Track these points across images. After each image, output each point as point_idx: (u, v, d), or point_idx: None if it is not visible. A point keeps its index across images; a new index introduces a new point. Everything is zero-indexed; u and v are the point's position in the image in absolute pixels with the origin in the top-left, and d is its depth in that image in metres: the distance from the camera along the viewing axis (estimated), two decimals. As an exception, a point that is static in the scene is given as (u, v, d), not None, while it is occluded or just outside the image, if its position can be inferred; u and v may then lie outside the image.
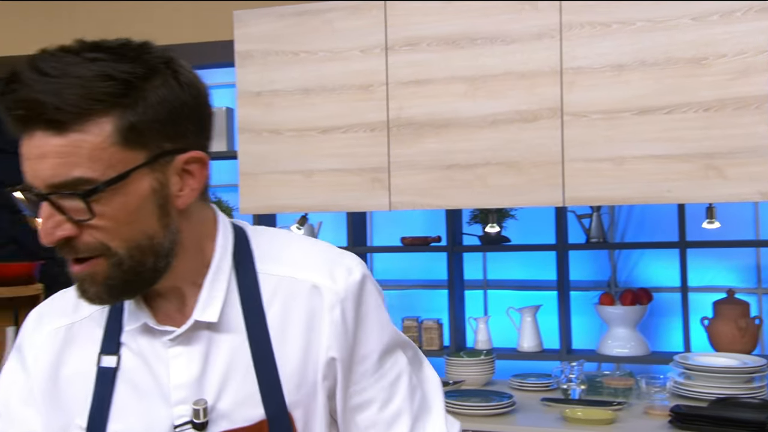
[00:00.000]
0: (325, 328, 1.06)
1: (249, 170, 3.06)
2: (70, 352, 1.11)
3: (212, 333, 1.06)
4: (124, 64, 0.93)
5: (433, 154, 2.84)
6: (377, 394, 1.10)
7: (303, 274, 1.08)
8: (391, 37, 2.89)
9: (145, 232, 0.98)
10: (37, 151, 0.92)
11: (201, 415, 1.03)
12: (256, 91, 3.03)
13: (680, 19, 2.60)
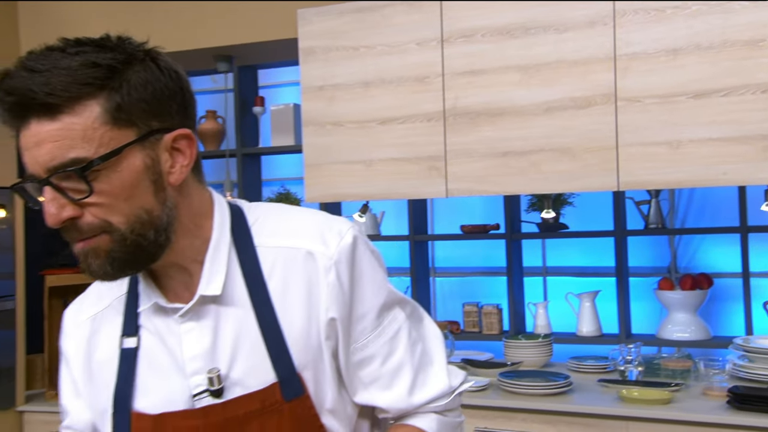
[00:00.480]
0: (322, 291, 1.08)
1: (313, 161, 3.08)
2: (97, 339, 1.16)
3: (219, 306, 1.08)
4: (105, 53, 0.97)
5: (488, 142, 2.81)
6: (378, 349, 1.11)
7: (298, 243, 1.10)
8: (446, 29, 2.86)
9: (143, 207, 1.00)
10: (34, 139, 0.96)
11: (216, 383, 1.06)
12: (319, 85, 3.05)
13: (735, 2, 2.50)
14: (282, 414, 1.06)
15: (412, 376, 1.13)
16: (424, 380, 1.14)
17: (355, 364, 1.11)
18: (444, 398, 1.15)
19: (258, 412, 1.06)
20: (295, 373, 1.07)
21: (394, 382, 1.12)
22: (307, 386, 1.08)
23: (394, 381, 1.12)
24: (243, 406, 1.07)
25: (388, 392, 1.12)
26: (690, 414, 2.46)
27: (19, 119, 0.97)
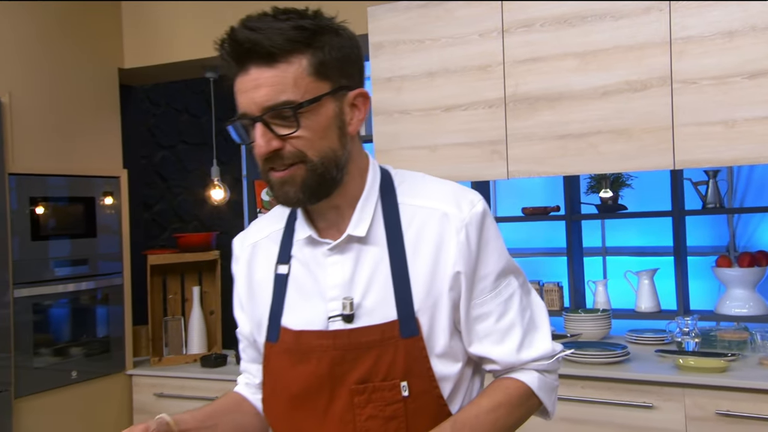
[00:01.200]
0: (452, 247, 1.17)
1: (383, 148, 3.12)
2: (257, 263, 1.31)
3: (361, 246, 1.20)
4: (307, 19, 1.12)
5: (547, 126, 2.78)
6: (494, 308, 1.20)
7: (435, 204, 1.20)
8: (507, 20, 2.83)
9: (331, 147, 1.14)
10: (253, 83, 1.10)
11: (348, 308, 1.18)
12: (388, 77, 3.06)
13: None
14: (397, 349, 1.15)
15: (521, 336, 1.20)
16: (531, 341, 1.21)
17: (473, 318, 1.19)
18: (546, 359, 1.22)
19: (377, 343, 1.16)
20: (413, 315, 1.16)
21: (506, 338, 1.20)
22: (422, 329, 1.16)
23: (506, 338, 1.20)
24: (366, 335, 1.16)
25: (500, 347, 1.20)
26: (746, 381, 2.41)
27: (240, 65, 1.11)
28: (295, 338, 1.20)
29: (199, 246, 3.85)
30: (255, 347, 1.33)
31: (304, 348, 1.19)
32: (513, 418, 1.19)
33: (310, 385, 1.18)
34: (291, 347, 1.21)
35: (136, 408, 3.61)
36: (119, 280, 3.60)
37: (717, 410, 2.42)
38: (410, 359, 1.15)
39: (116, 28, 3.71)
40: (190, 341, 3.84)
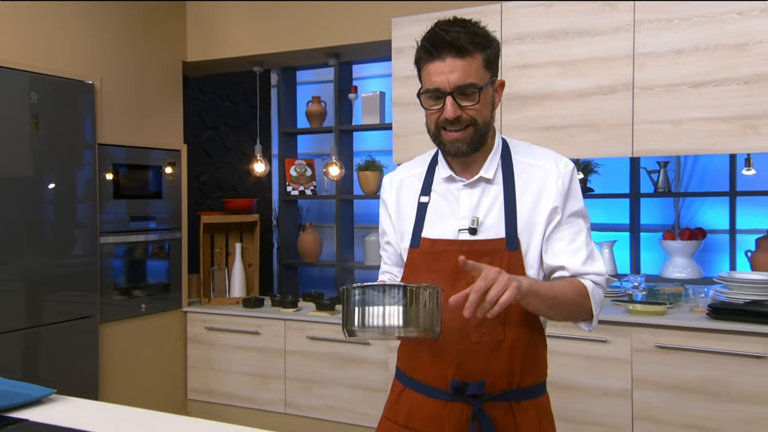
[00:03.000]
0: (552, 190, 1.46)
1: (400, 133, 3.39)
2: (404, 192, 1.59)
3: (485, 184, 1.49)
4: (480, 28, 1.43)
5: (534, 119, 3.05)
6: (568, 234, 1.46)
7: (540, 162, 1.50)
8: (505, 33, 3.09)
9: (488, 116, 1.46)
10: (450, 68, 1.39)
11: (474, 224, 1.47)
12: (407, 75, 3.31)
13: (727, 15, 2.70)
14: (503, 257, 1.44)
15: (586, 256, 1.46)
16: (592, 261, 1.47)
17: (552, 239, 1.46)
18: (602, 276, 1.46)
19: (491, 252, 1.44)
20: (516, 235, 1.45)
21: (575, 255, 1.45)
22: (522, 246, 1.45)
23: (575, 255, 1.45)
24: (483, 245, 1.45)
25: (571, 259, 1.45)
26: (679, 322, 2.72)
27: (439, 54, 1.39)
28: (431, 244, 1.48)
29: (243, 209, 4.17)
30: (398, 254, 1.59)
31: (437, 251, 1.46)
32: (566, 300, 1.40)
33: (440, 276, 1.40)
34: (427, 251, 1.48)
35: (190, 338, 3.94)
36: (179, 234, 3.92)
37: (656, 344, 2.74)
38: (511, 266, 1.42)
39: (181, 26, 3.99)
40: (233, 287, 4.17)
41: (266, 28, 3.81)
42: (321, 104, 4.71)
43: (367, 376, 3.46)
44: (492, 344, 1.42)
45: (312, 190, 4.78)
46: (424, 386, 1.49)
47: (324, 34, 3.66)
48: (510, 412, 1.43)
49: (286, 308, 3.84)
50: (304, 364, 3.63)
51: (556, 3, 2.98)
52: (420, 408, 1.49)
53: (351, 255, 4.66)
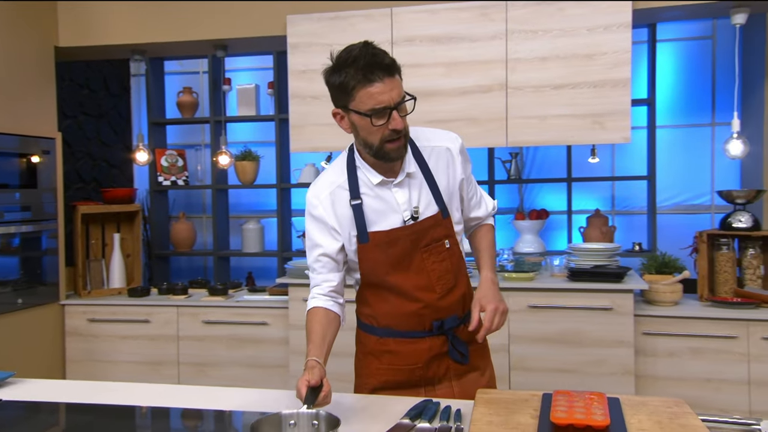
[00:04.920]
0: (458, 165, 1.76)
1: (297, 123, 3.51)
2: (336, 203, 1.70)
3: (409, 179, 1.69)
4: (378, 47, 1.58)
5: (422, 114, 3.24)
6: (474, 192, 1.84)
7: (439, 143, 1.76)
8: (395, 35, 3.34)
9: None
10: (389, 87, 1.54)
11: (415, 213, 1.69)
12: (302, 70, 3.46)
13: (579, 30, 3.19)
14: (441, 224, 1.71)
15: (485, 202, 1.88)
16: (487, 203, 1.89)
17: (467, 198, 1.81)
18: (493, 209, 1.89)
19: (433, 225, 1.70)
20: (445, 206, 1.71)
21: (481, 205, 1.87)
22: (451, 212, 1.73)
23: (481, 205, 1.87)
24: (426, 222, 1.69)
25: (480, 210, 1.87)
26: (545, 284, 3.17)
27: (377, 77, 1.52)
28: (387, 235, 1.66)
29: (123, 199, 4.02)
30: (336, 261, 1.70)
31: (393, 237, 1.66)
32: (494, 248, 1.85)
33: (399, 255, 1.67)
34: (382, 240, 1.66)
35: (69, 331, 3.74)
36: (54, 225, 3.69)
37: (528, 304, 3.18)
38: (446, 229, 1.72)
39: (53, 10, 3.74)
40: (112, 278, 4.01)
41: (150, 16, 3.71)
42: (192, 95, 4.65)
43: (264, 354, 3.55)
44: (449, 290, 1.73)
45: (184, 180, 4.69)
46: (408, 333, 1.75)
47: (214, 26, 3.66)
48: (466, 328, 1.75)
49: (177, 295, 3.79)
50: (199, 348, 3.62)
51: (440, 11, 3.30)
52: (405, 346, 1.75)
53: (227, 244, 4.66)
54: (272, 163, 4.69)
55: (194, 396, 1.75)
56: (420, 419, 1.50)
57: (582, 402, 1.42)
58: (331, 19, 3.42)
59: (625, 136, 3.15)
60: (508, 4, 3.21)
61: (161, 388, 1.81)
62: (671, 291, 3.18)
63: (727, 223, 3.25)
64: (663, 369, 3.08)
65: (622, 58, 3.11)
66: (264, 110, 4.57)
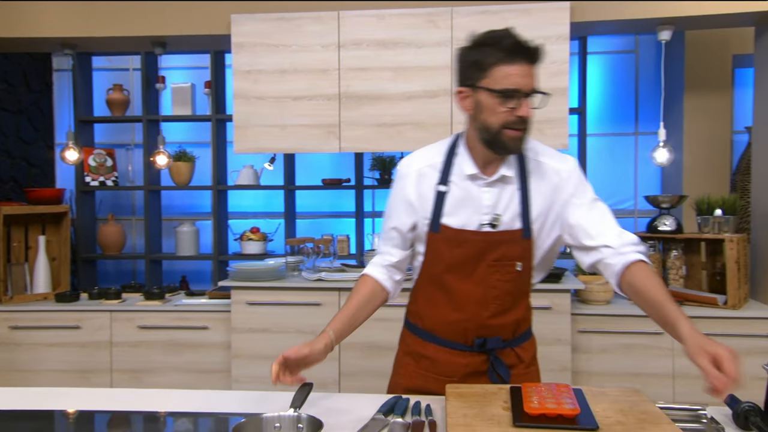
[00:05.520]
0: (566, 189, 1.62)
1: (240, 124, 3.45)
2: (422, 182, 1.64)
3: (504, 184, 1.61)
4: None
5: (369, 117, 3.36)
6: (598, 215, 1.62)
7: (550, 162, 1.64)
8: (342, 38, 3.35)
9: None
10: (527, 72, 1.49)
11: (495, 221, 1.61)
12: (247, 70, 3.41)
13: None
14: (519, 243, 1.61)
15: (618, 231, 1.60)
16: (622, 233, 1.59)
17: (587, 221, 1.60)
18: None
19: (509, 240, 1.60)
20: (530, 226, 1.61)
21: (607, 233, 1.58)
22: (536, 236, 1.62)
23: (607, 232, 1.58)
24: (502, 236, 1.60)
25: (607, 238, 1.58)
26: None
27: (517, 58, 1.47)
28: (456, 233, 1.60)
29: (50, 200, 3.83)
30: (404, 237, 1.67)
31: (461, 239, 1.59)
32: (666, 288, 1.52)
33: (463, 259, 1.60)
34: (450, 236, 1.60)
35: (-9, 340, 3.53)
36: (-25, 226, 3.48)
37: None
38: (524, 251, 1.61)
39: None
40: (36, 283, 3.81)
41: (84, 9, 3.56)
42: (123, 92, 4.49)
43: (205, 359, 3.48)
44: (504, 311, 1.66)
45: (114, 181, 4.52)
46: (448, 342, 1.71)
47: (154, 22, 3.56)
48: (513, 352, 1.74)
49: (110, 300, 3.65)
50: (134, 355, 3.50)
51: (387, 16, 3.35)
52: (444, 355, 1.71)
53: (159, 247, 4.52)
54: (207, 164, 4.60)
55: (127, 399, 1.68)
56: (392, 414, 1.53)
57: (550, 393, 1.49)
58: (277, 20, 3.40)
59: (563, 143, 3.30)
60: (453, 12, 3.30)
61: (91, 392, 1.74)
62: (604, 290, 3.36)
63: (654, 227, 3.47)
64: (597, 365, 3.25)
65: (561, 68, 3.26)
66: (200, 110, 4.47)
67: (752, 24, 3.42)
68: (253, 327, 3.38)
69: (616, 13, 3.28)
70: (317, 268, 3.58)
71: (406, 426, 1.46)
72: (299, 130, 3.43)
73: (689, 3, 3.23)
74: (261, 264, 3.53)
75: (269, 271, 3.40)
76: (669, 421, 1.35)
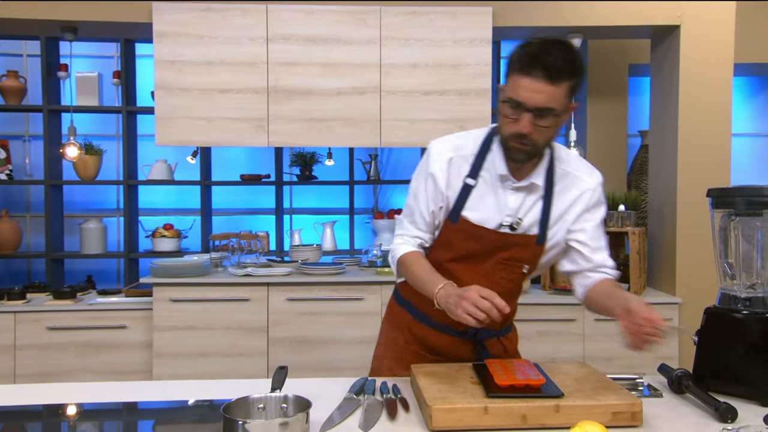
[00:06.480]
0: (585, 200, 1.65)
1: (163, 115, 3.36)
2: (452, 170, 1.64)
3: (531, 190, 1.63)
4: (572, 53, 1.46)
5: (299, 111, 3.38)
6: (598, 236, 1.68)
7: (578, 173, 1.66)
8: (271, 32, 3.35)
9: (552, 137, 1.56)
10: (538, 89, 1.43)
11: (515, 224, 1.63)
12: (170, 60, 3.33)
13: (447, 42, 3.46)
14: (531, 248, 1.65)
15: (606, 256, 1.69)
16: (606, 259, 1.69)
17: (588, 242, 1.65)
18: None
19: (522, 243, 1.64)
20: (546, 233, 1.64)
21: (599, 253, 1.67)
22: (547, 242, 1.65)
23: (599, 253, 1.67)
24: (518, 239, 1.63)
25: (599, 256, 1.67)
26: None
27: (531, 71, 1.42)
28: (474, 228, 1.62)
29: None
30: (434, 220, 1.65)
31: (478, 234, 1.62)
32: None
33: (474, 253, 1.63)
34: (467, 229, 1.62)
35: None
36: None
37: (399, 297, 3.39)
38: (534, 255, 1.65)
39: None
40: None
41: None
42: (19, 80, 4.23)
43: (123, 360, 3.37)
44: None
45: (8, 175, 4.24)
46: (440, 326, 1.73)
47: (65, 6, 3.39)
48: (499, 342, 1.81)
49: (14, 300, 3.44)
50: (42, 358, 3.33)
51: (316, 11, 3.40)
52: (433, 334, 1.75)
53: (61, 245, 4.30)
54: (113, 158, 4.43)
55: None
56: (363, 394, 1.60)
57: (514, 367, 1.63)
58: (203, 11, 3.36)
59: (486, 141, 3.49)
60: (382, 11, 3.41)
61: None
62: (521, 281, 3.59)
63: (565, 221, 3.74)
64: (517, 351, 3.47)
65: (484, 70, 3.46)
66: (108, 100, 4.29)
67: (649, 36, 3.79)
68: (177, 324, 3.31)
69: (533, 20, 3.52)
70: (242, 264, 3.57)
71: (381, 403, 1.54)
72: (226, 123, 3.40)
73: (598, 14, 3.53)
74: (185, 260, 3.47)
75: (194, 267, 3.35)
76: (620, 387, 1.51)
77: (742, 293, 1.56)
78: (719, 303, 1.59)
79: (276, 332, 3.33)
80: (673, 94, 3.53)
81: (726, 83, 3.46)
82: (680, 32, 3.49)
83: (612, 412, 1.37)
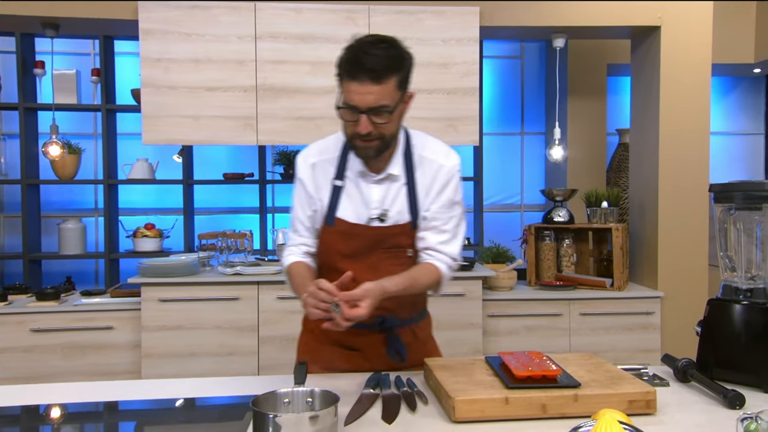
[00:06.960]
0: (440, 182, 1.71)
1: (150, 114, 3.33)
2: (318, 174, 1.73)
3: (391, 180, 1.71)
4: (396, 48, 1.55)
5: (287, 110, 3.39)
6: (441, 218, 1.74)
7: (435, 157, 1.73)
8: (259, 30, 3.35)
9: (396, 128, 1.64)
10: (366, 90, 1.51)
11: (383, 216, 1.71)
12: (157, 58, 3.30)
13: (435, 40, 3.49)
14: (408, 234, 1.72)
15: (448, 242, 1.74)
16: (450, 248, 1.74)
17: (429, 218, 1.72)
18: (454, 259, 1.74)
19: (399, 233, 1.71)
20: (417, 217, 1.71)
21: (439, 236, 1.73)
22: (419, 225, 1.72)
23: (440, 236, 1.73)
24: (393, 229, 1.70)
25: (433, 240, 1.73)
26: None
27: (355, 76, 1.50)
28: (350, 227, 1.69)
29: None
30: (308, 227, 1.73)
31: (355, 232, 1.69)
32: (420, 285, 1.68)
33: (357, 249, 1.70)
34: (345, 230, 1.69)
35: None
36: None
37: (389, 295, 3.43)
38: (413, 239, 1.72)
39: None
40: None
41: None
42: (-6, 77, 4.14)
43: (110, 361, 3.34)
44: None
45: (-17, 174, 4.16)
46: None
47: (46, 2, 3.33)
48: (409, 330, 1.85)
49: (-5, 303, 3.38)
50: (26, 360, 3.28)
51: (305, 10, 3.41)
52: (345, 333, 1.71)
53: (38, 245, 4.22)
54: (91, 157, 4.38)
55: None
56: (379, 388, 1.64)
57: (528, 359, 1.68)
58: (189, 8, 3.34)
59: (474, 139, 3.55)
60: (370, 10, 3.43)
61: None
62: (508, 277, 3.66)
63: (549, 218, 3.83)
64: (505, 346, 3.54)
65: (472, 69, 3.51)
66: (86, 99, 4.23)
67: (629, 36, 3.90)
68: (166, 324, 3.29)
69: (518, 20, 3.59)
70: (231, 263, 3.56)
71: (398, 396, 1.58)
72: (214, 121, 3.39)
73: (581, 14, 3.61)
74: (174, 260, 3.45)
75: (183, 266, 3.33)
76: (632, 377, 1.58)
77: (743, 285, 1.63)
78: (721, 294, 1.67)
79: (266, 331, 3.34)
80: (654, 93, 3.63)
81: (704, 83, 3.58)
82: (660, 33, 3.60)
83: (628, 400, 1.43)
